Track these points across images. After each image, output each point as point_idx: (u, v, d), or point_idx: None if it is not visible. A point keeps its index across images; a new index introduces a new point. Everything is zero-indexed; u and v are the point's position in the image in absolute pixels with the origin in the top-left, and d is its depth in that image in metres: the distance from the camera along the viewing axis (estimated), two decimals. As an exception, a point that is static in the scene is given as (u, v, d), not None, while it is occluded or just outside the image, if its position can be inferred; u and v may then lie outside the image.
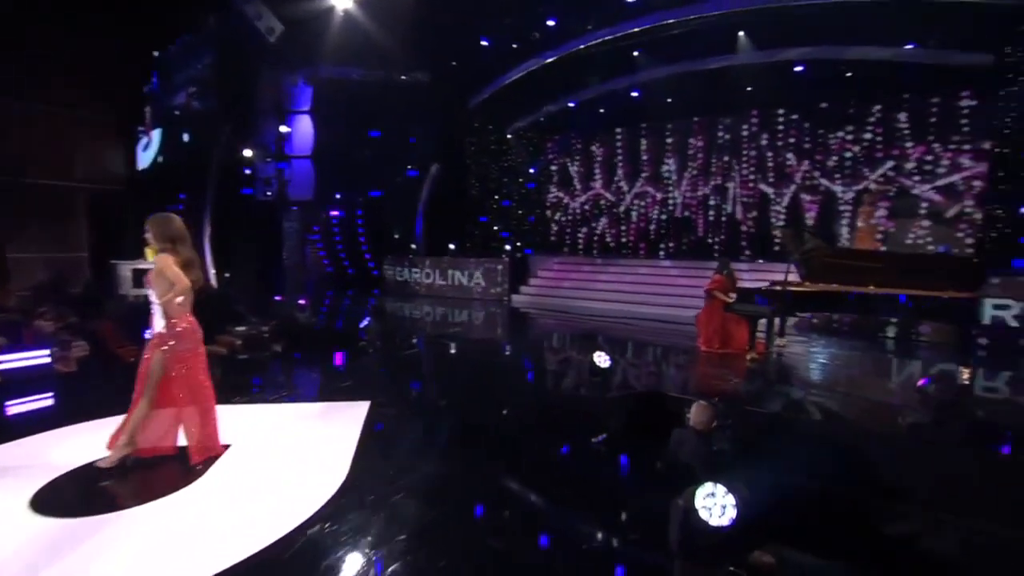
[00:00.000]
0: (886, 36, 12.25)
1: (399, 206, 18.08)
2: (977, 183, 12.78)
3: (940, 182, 13.01)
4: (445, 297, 15.52)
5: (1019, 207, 12.06)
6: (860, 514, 4.39)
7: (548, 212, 18.36)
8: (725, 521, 3.69)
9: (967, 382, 7.29)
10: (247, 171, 15.71)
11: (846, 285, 8.09)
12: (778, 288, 8.17)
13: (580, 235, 17.69)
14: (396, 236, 18.20)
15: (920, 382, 6.76)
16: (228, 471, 4.44)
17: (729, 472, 3.93)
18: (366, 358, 8.47)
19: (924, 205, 13.14)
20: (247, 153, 15.45)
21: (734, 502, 3.70)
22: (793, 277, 8.57)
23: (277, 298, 14.10)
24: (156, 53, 16.33)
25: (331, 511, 3.92)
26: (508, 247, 16.90)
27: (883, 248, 13.08)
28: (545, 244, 18.01)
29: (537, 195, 18.50)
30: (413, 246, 17.99)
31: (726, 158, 15.48)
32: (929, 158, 13.16)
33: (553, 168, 18.34)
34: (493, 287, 15.23)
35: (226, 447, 4.76)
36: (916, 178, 13.27)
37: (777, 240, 14.57)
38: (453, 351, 9.59)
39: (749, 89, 14.30)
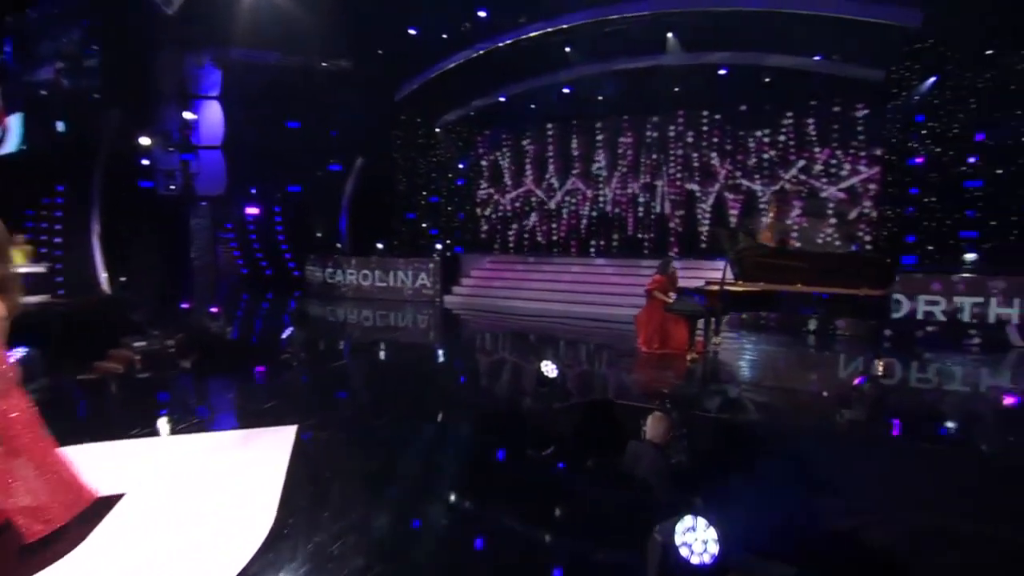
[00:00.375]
0: (798, 46, 13.02)
1: (321, 202, 16.96)
2: (873, 186, 13.71)
3: (843, 184, 13.87)
4: (373, 299, 14.67)
5: (907, 208, 12.87)
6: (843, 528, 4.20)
7: (478, 209, 17.84)
8: (707, 558, 3.35)
9: (883, 374, 7.55)
10: (145, 161, 14.14)
11: (775, 284, 8.18)
12: (715, 288, 8.11)
13: (511, 233, 17.29)
14: (319, 234, 17.06)
15: (856, 380, 6.87)
16: (121, 528, 3.63)
17: (695, 490, 3.61)
18: (290, 373, 7.62)
19: (831, 205, 13.94)
20: (144, 141, 13.89)
21: (716, 537, 3.36)
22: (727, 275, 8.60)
23: (184, 305, 12.74)
24: (8, 18, 13.53)
25: (257, 570, 3.25)
26: (438, 245, 16.24)
27: (797, 246, 13.60)
28: (476, 242, 17.48)
29: (467, 191, 17.93)
30: (339, 245, 16.93)
31: (655, 156, 15.57)
32: (833, 162, 14.03)
33: (483, 164, 17.83)
34: (424, 288, 14.55)
35: (117, 497, 3.92)
36: (823, 180, 14.02)
37: (704, 238, 14.89)
38: (387, 360, 8.90)
39: (676, 90, 14.55)
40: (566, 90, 15.36)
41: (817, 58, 13.36)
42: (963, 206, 12.48)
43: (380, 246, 16.38)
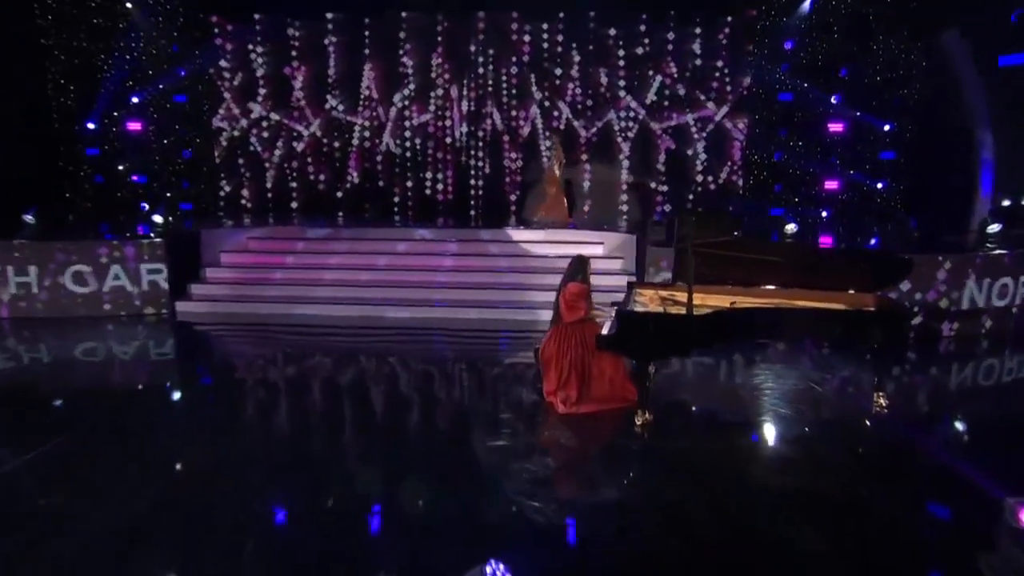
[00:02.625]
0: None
1: None
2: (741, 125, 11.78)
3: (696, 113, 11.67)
4: (34, 321, 8.32)
5: (775, 153, 11.33)
6: None
7: (219, 149, 11.74)
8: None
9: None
10: None
11: (724, 287, 5.70)
12: (673, 302, 4.98)
13: (293, 190, 11.82)
14: None
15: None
16: None
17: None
18: None
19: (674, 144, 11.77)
20: None
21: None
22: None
23: None
24: None
25: None
26: (157, 217, 9.98)
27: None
28: (233, 207, 11.58)
29: (195, 116, 11.59)
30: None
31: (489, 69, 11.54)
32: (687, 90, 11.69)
33: (224, 69, 11.54)
34: (135, 292, 8.69)
35: None
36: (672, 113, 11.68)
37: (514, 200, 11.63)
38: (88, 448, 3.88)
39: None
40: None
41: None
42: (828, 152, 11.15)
43: (29, 219, 9.50)
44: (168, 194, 11.07)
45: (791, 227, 9.19)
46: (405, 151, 11.78)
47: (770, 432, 5.24)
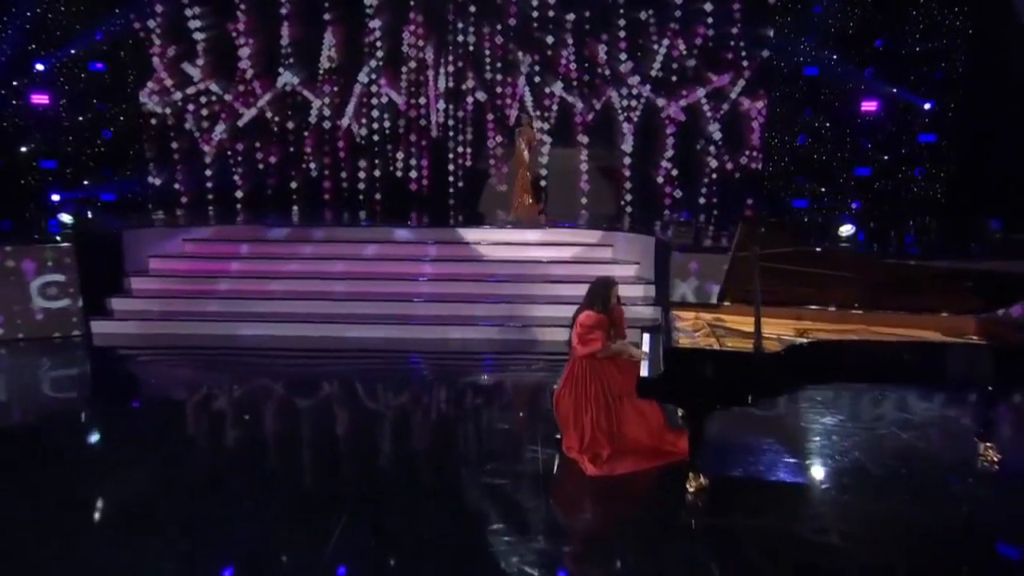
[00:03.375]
0: None
1: None
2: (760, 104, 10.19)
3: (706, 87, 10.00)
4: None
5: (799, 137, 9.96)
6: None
7: (147, 130, 9.80)
8: None
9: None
10: None
11: (786, 309, 4.49)
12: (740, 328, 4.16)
13: (237, 181, 9.99)
14: None
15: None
16: None
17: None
18: None
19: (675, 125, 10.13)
20: None
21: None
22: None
23: None
24: None
25: None
26: (66, 217, 8.01)
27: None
28: (166, 202, 9.69)
29: (122, 88, 9.59)
30: None
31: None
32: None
33: (153, 29, 9.54)
34: (40, 310, 6.92)
35: None
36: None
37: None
38: None
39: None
40: None
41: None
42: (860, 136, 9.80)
43: None
44: (85, 182, 9.16)
45: (847, 228, 7.66)
46: (372, 133, 10.05)
47: (860, 502, 3.87)
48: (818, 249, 4.53)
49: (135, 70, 9.51)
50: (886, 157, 9.63)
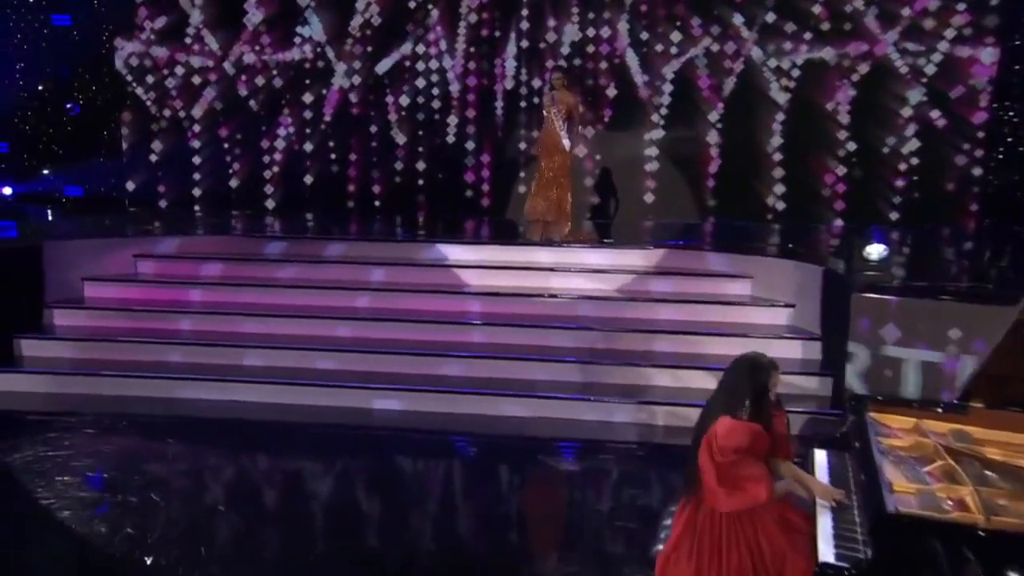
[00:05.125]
0: None
1: None
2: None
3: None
4: None
5: None
6: None
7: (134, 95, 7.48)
8: None
9: None
10: None
11: None
12: None
13: (209, 176, 7.60)
14: None
15: None
16: None
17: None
18: None
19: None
20: None
21: None
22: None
23: None
24: None
25: None
26: None
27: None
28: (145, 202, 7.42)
29: (94, 49, 7.35)
30: None
31: None
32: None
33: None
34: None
35: None
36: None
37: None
38: None
39: None
40: None
41: None
42: None
43: None
44: (45, 171, 7.05)
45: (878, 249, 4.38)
46: (416, 110, 7.41)
47: None
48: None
49: (111, 23, 7.22)
50: None
